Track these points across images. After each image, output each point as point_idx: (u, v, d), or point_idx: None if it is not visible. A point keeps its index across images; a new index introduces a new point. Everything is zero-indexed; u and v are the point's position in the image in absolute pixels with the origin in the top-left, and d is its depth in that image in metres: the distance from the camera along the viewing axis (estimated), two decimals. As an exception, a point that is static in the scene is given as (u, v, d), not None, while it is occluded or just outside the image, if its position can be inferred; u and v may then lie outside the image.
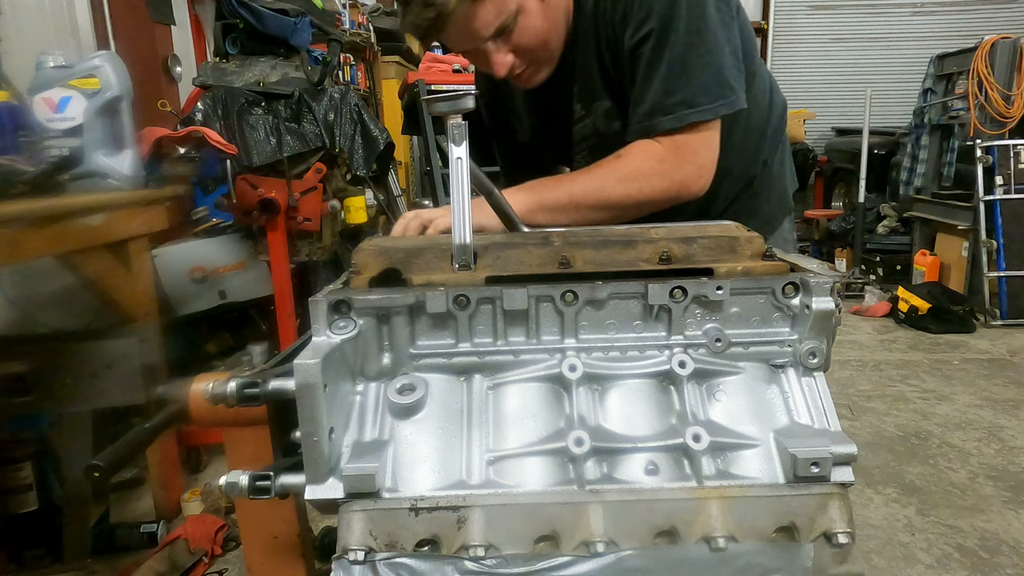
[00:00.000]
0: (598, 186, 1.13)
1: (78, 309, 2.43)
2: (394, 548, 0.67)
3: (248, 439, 0.90)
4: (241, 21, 3.02)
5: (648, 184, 1.13)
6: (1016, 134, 4.97)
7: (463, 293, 0.76)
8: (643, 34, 1.10)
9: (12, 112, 2.13)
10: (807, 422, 0.74)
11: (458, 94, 0.82)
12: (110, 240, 2.22)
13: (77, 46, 3.00)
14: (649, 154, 1.13)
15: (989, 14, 7.51)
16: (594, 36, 1.18)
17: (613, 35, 1.16)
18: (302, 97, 2.90)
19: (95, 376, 2.00)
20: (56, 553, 2.20)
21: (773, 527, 0.68)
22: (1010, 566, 2.23)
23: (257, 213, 2.75)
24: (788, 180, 1.51)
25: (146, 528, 2.34)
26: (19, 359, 1.99)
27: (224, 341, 3.03)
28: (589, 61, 1.21)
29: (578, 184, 1.15)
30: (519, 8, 1.09)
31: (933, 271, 5.36)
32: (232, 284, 2.86)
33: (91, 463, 0.78)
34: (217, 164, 2.70)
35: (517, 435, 0.74)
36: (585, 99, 1.27)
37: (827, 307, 0.75)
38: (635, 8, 1.10)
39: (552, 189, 1.16)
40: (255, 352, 2.86)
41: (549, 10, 1.14)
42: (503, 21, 1.09)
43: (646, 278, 0.78)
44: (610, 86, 1.22)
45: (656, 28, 1.08)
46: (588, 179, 1.15)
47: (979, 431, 3.24)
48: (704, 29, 1.09)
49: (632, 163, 1.14)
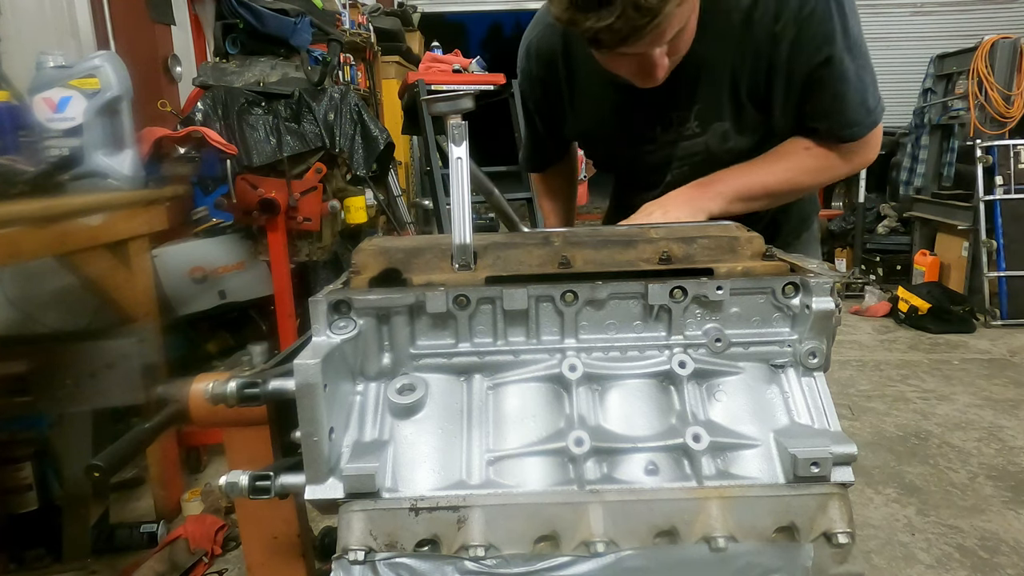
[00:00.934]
0: (790, 177, 1.30)
1: (78, 309, 2.43)
2: (394, 548, 0.67)
3: (248, 439, 0.90)
4: (241, 21, 3.02)
5: (832, 175, 1.34)
6: (1016, 134, 4.97)
7: (463, 293, 0.76)
8: (821, 59, 1.19)
9: (12, 112, 2.13)
10: (807, 422, 0.74)
11: (458, 94, 0.82)
12: (110, 240, 2.22)
13: (77, 46, 3.00)
14: (835, 151, 1.29)
15: (989, 14, 7.51)
16: (730, 64, 1.23)
17: (764, 66, 1.22)
18: (302, 97, 2.90)
19: (95, 376, 2.00)
20: (56, 553, 2.20)
21: (773, 527, 0.68)
22: (1010, 566, 2.23)
23: (257, 213, 2.75)
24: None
25: (146, 528, 2.34)
26: (19, 359, 1.99)
27: (224, 341, 3.03)
28: (719, 85, 1.26)
29: (772, 176, 1.30)
30: (693, 8, 1.11)
31: (933, 271, 5.36)
32: (232, 284, 2.86)
33: (91, 463, 0.78)
34: (217, 164, 2.70)
35: (517, 435, 0.74)
36: (705, 118, 1.31)
37: (827, 307, 0.75)
38: (807, 39, 1.18)
39: (742, 181, 1.28)
40: (255, 352, 2.86)
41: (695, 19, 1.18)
42: (684, 23, 1.10)
43: (646, 278, 0.78)
44: (736, 111, 1.29)
45: (834, 54, 1.18)
46: (779, 170, 1.30)
47: (979, 431, 3.24)
48: (863, 43, 1.23)
49: (820, 160, 1.30)
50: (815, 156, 1.30)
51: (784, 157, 1.30)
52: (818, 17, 1.16)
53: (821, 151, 1.29)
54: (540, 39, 1.38)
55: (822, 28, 1.17)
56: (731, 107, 1.28)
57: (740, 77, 1.24)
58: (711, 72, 1.25)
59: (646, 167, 1.43)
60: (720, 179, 1.28)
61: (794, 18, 1.16)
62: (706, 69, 1.25)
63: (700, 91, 1.28)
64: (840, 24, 1.18)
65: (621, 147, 1.44)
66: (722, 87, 1.26)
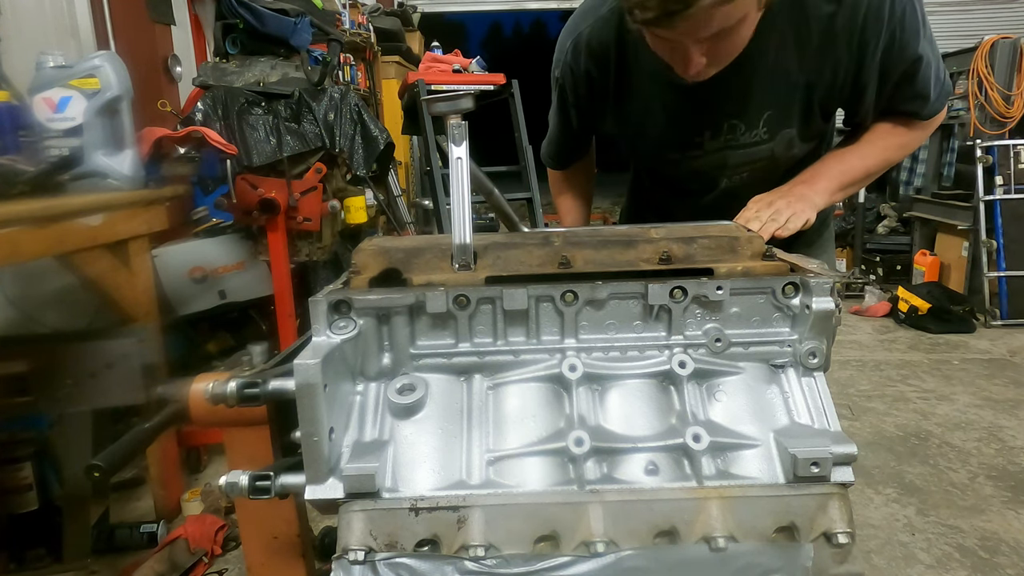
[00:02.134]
0: (885, 156, 1.36)
1: (78, 309, 2.43)
2: (394, 548, 0.67)
3: (248, 439, 0.90)
4: (241, 21, 3.02)
5: (917, 145, 1.43)
6: (1016, 134, 4.97)
7: (463, 293, 0.76)
8: (914, 57, 1.22)
9: (12, 112, 2.13)
10: (807, 422, 0.74)
11: (458, 94, 0.82)
12: (110, 240, 2.22)
13: (77, 46, 3.00)
14: (919, 126, 1.35)
15: (989, 14, 7.51)
16: (807, 73, 1.24)
17: (849, 74, 1.24)
18: (302, 97, 2.90)
19: (95, 376, 2.00)
20: (56, 553, 2.20)
21: (773, 527, 0.68)
22: (1010, 566, 2.23)
23: (257, 213, 2.75)
24: None
25: (146, 528, 2.34)
26: (19, 359, 1.99)
27: (224, 341, 3.03)
28: (793, 93, 1.28)
29: (868, 159, 1.35)
30: (744, 17, 1.07)
31: (933, 271, 5.36)
32: (232, 284, 2.86)
33: (91, 463, 0.78)
34: (217, 164, 2.70)
35: (517, 435, 0.74)
36: (774, 125, 1.32)
37: (827, 307, 0.75)
38: (899, 43, 1.20)
39: (842, 169, 1.33)
40: (255, 352, 2.86)
41: (755, 23, 1.14)
42: (727, 24, 1.06)
43: (646, 278, 0.78)
44: (804, 119, 1.31)
45: (921, 48, 1.21)
46: (873, 153, 1.35)
47: (979, 431, 3.24)
48: (929, 23, 1.24)
49: (907, 136, 1.35)
50: (901, 134, 1.35)
51: (873, 141, 1.35)
52: (908, 19, 1.19)
53: (905, 129, 1.34)
54: (592, 31, 1.34)
55: (911, 27, 1.20)
56: (800, 115, 1.31)
57: (816, 86, 1.26)
58: (786, 80, 1.25)
59: (690, 172, 1.43)
60: (822, 174, 1.32)
61: (886, 24, 1.18)
62: (780, 76, 1.25)
63: (772, 99, 1.28)
64: (921, 18, 1.21)
65: (667, 149, 1.42)
66: (795, 95, 1.28)
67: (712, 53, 1.11)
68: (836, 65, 1.23)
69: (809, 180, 1.31)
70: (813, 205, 1.26)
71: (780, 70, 1.24)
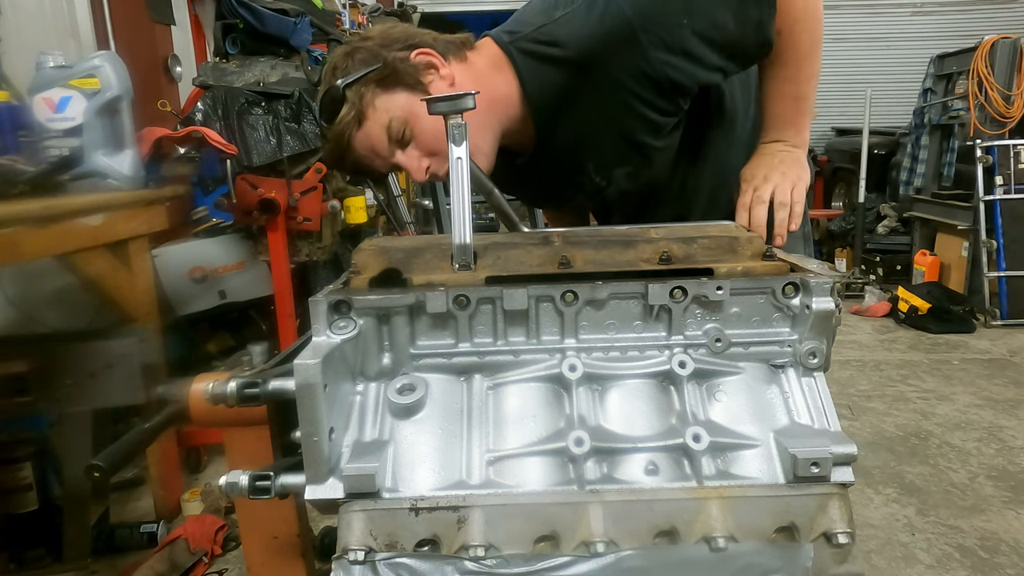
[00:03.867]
0: (815, 71, 1.22)
1: (78, 309, 2.43)
2: (394, 548, 0.67)
3: (248, 439, 0.90)
4: (241, 21, 3.02)
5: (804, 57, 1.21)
6: (1016, 134, 4.97)
7: (463, 293, 0.76)
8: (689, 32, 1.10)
9: (12, 112, 2.13)
10: (807, 422, 0.74)
11: (458, 94, 0.82)
12: (110, 240, 2.22)
13: (77, 46, 3.00)
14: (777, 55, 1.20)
15: (989, 14, 7.51)
16: (602, 113, 1.18)
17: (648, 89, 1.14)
18: (302, 97, 2.90)
19: (95, 376, 2.00)
20: (56, 553, 2.20)
21: (773, 527, 0.68)
22: (1010, 566, 2.23)
23: (257, 213, 2.75)
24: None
25: (146, 528, 2.34)
26: (19, 359, 1.99)
27: (224, 341, 3.03)
28: (599, 137, 1.23)
29: (806, 85, 1.23)
30: (406, 116, 1.10)
31: (933, 271, 5.35)
32: (232, 284, 2.85)
33: (91, 463, 0.78)
34: (217, 164, 2.70)
35: (517, 435, 0.74)
36: (603, 171, 1.29)
37: (827, 307, 0.75)
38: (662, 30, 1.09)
39: (800, 109, 1.24)
40: (255, 352, 2.86)
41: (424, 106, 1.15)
42: (393, 131, 1.11)
43: (646, 278, 0.78)
44: (633, 146, 1.24)
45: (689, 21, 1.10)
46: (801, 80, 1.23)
47: (979, 431, 3.24)
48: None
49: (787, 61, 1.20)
50: (782, 62, 1.21)
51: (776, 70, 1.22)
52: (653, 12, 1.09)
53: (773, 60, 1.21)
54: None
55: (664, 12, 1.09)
56: (626, 147, 1.24)
57: (626, 119, 1.19)
58: (583, 131, 1.21)
59: (595, 206, 1.47)
60: (781, 119, 1.24)
61: (641, 27, 1.08)
62: (583, 135, 1.22)
63: (583, 150, 1.25)
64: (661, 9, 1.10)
65: (560, 205, 1.49)
66: (602, 139, 1.22)
67: (432, 153, 1.13)
68: (635, 93, 1.15)
69: (779, 133, 1.24)
70: (800, 163, 1.21)
71: (582, 130, 1.21)
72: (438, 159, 1.14)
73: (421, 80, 1.11)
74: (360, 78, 1.10)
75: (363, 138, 1.12)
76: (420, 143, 1.12)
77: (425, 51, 1.14)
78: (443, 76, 1.14)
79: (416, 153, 1.13)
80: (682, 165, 1.35)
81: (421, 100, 0.90)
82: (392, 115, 1.10)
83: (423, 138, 1.12)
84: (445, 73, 1.14)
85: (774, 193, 1.17)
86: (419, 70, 1.12)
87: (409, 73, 1.11)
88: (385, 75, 1.11)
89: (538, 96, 1.15)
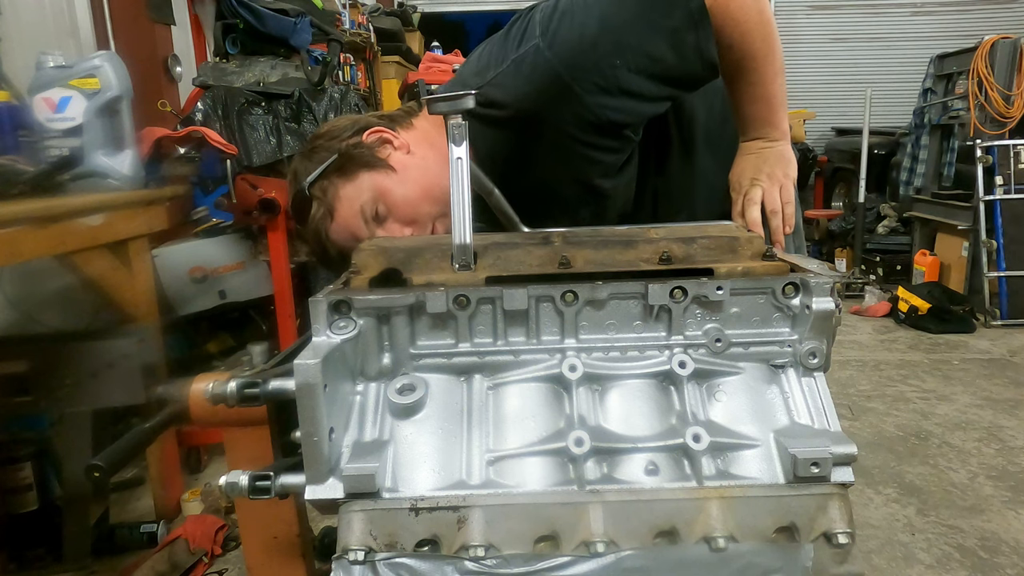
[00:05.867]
0: (778, 67, 1.18)
1: (78, 309, 2.43)
2: (394, 548, 0.67)
3: (248, 439, 0.90)
4: (241, 21, 3.02)
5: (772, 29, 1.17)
6: (1016, 134, 4.97)
7: (463, 293, 0.75)
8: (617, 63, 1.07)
9: (12, 112, 2.13)
10: (807, 422, 0.74)
11: (458, 94, 0.82)
12: (110, 240, 2.22)
13: (77, 46, 3.00)
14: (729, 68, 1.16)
15: (989, 14, 7.51)
16: (555, 163, 1.17)
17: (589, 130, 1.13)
18: (302, 97, 2.90)
19: (95, 376, 2.00)
20: (56, 553, 2.20)
21: (773, 527, 0.68)
22: (1010, 566, 2.23)
23: (257, 213, 2.75)
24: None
25: (146, 528, 2.34)
26: (19, 359, 1.99)
27: (224, 341, 3.03)
28: (555, 185, 1.21)
29: (772, 85, 1.19)
30: (375, 194, 1.12)
31: (933, 271, 5.36)
32: (232, 284, 2.86)
33: (91, 463, 0.78)
34: (217, 164, 2.70)
35: (517, 435, 0.74)
36: (568, 212, 1.27)
37: (827, 307, 0.75)
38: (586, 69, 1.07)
39: (773, 107, 1.20)
40: (255, 352, 2.86)
41: (410, 172, 1.15)
42: (367, 213, 1.13)
43: (646, 278, 0.78)
44: (587, 189, 1.23)
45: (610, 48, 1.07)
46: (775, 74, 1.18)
47: (979, 431, 3.24)
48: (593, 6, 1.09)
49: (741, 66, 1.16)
50: (742, 71, 1.17)
51: (745, 84, 1.19)
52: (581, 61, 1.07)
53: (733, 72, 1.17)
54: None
55: (592, 58, 1.07)
56: (581, 193, 1.24)
57: (578, 164, 1.18)
58: (547, 183, 1.22)
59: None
60: (759, 119, 1.21)
61: (572, 78, 1.07)
62: (540, 185, 1.21)
63: (547, 202, 1.24)
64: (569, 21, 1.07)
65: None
66: (563, 185, 1.22)
67: (408, 222, 1.15)
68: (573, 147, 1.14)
69: (757, 131, 1.21)
70: (783, 156, 1.20)
71: (541, 186, 1.20)
72: (418, 226, 1.16)
73: (379, 157, 1.14)
74: (320, 174, 1.13)
75: (340, 229, 1.14)
76: (397, 216, 1.14)
77: (375, 129, 1.17)
78: (398, 147, 1.16)
79: (396, 226, 1.15)
80: (649, 186, 1.34)
81: (424, 99, 0.90)
82: (362, 199, 1.13)
83: (398, 211, 1.14)
84: (399, 143, 1.16)
85: (764, 198, 1.17)
86: (374, 148, 1.15)
87: (365, 154, 1.14)
88: (343, 163, 1.13)
89: (489, 156, 1.14)
